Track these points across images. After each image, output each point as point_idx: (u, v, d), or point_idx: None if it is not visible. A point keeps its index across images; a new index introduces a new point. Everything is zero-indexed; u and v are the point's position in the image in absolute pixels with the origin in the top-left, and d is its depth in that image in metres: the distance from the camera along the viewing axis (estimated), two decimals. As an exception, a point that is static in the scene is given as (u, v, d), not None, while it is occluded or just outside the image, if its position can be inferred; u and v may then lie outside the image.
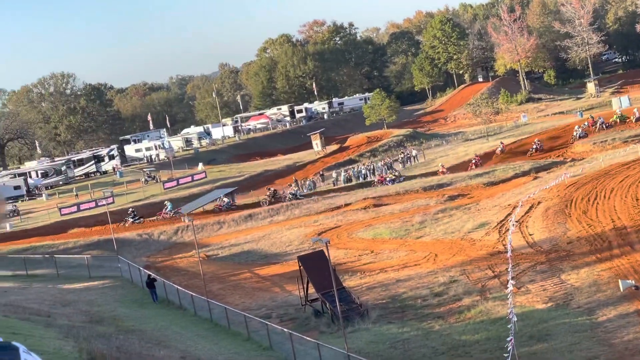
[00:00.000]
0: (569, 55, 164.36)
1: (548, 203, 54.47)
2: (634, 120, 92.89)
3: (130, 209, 79.93)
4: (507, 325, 33.59)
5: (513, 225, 49.63)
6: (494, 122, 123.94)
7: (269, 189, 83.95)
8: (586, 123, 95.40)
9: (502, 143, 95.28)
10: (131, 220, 77.07)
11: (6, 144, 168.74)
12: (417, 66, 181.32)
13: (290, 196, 79.95)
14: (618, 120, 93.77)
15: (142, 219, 77.52)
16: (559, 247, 44.40)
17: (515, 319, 33.53)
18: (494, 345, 33.16)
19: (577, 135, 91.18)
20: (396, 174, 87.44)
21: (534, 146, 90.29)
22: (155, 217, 78.83)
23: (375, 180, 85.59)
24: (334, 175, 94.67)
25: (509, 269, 40.57)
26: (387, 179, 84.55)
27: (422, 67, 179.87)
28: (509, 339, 31.37)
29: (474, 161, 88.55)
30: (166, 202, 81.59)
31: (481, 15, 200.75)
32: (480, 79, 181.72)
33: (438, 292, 41.19)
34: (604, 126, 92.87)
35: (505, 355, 30.78)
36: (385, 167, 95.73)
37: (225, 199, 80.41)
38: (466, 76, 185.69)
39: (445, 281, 42.39)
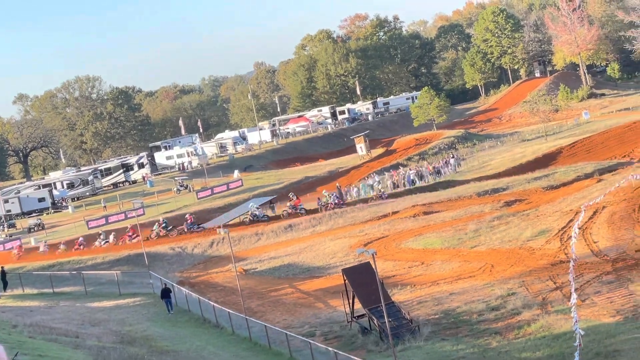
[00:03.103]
0: (634, 47, 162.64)
1: (614, 208, 53.96)
2: None
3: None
4: (571, 341, 33.30)
5: (576, 232, 49.24)
6: (553, 120, 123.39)
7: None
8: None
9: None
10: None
11: (29, 154, 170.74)
12: (468, 62, 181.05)
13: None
14: None
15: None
16: (626, 255, 43.95)
17: (581, 334, 33.23)
18: (558, 363, 32.89)
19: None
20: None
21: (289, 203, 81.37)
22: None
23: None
24: (371, 182, 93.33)
25: (572, 280, 40.25)
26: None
27: (473, 63, 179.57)
28: (574, 356, 31.10)
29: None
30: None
31: (537, 5, 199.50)
32: (537, 74, 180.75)
33: (495, 305, 40.95)
34: None
35: (570, 373, 30.55)
36: (435, 171, 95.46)
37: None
38: (522, 71, 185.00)
39: (503, 294, 42.14)
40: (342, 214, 75.38)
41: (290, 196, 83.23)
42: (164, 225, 77.80)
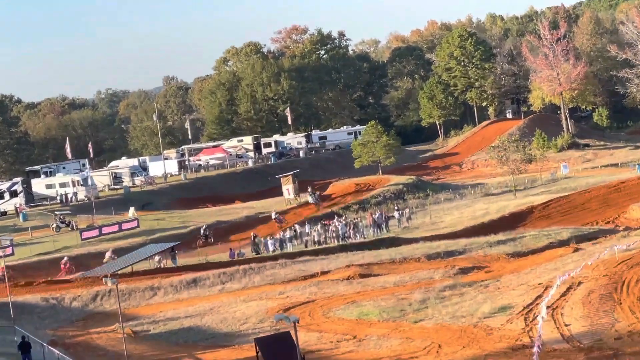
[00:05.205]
0: (627, 90, 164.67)
1: (592, 284, 54.59)
2: None
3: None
4: None
5: (544, 311, 49.67)
6: (524, 172, 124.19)
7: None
8: None
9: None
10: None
11: None
12: (426, 93, 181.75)
13: None
14: None
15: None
16: (603, 343, 44.39)
17: None
18: None
19: None
20: None
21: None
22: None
23: None
24: (287, 235, 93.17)
25: (536, 370, 40.50)
26: None
27: (432, 96, 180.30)
28: None
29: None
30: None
31: (514, 31, 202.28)
32: (509, 115, 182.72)
33: (440, 395, 41.14)
34: None
35: None
36: (376, 225, 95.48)
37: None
38: (490, 110, 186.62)
39: (451, 382, 42.33)
40: (259, 271, 75.27)
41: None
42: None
